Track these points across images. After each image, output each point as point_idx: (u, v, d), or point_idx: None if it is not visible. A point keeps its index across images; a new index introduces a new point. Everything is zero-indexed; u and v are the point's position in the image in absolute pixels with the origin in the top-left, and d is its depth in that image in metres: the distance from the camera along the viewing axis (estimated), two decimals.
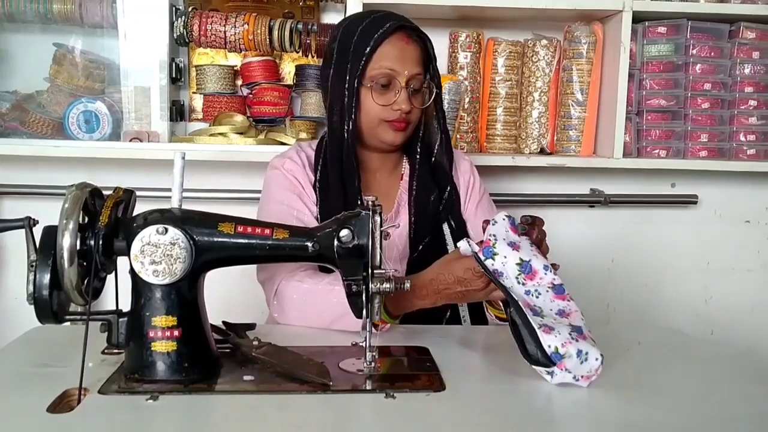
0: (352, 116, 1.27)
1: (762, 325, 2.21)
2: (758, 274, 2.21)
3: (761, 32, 1.93)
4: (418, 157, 1.37)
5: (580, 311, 1.00)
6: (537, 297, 0.99)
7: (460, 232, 1.37)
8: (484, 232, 1.06)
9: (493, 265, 1.01)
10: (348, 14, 1.79)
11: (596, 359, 0.92)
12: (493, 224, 1.05)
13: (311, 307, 1.16)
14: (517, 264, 1.01)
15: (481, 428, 0.82)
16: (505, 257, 1.01)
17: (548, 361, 0.91)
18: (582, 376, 0.92)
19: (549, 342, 0.91)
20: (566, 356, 0.91)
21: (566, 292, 1.01)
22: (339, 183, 1.29)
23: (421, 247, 1.33)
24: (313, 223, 1.28)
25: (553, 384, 0.92)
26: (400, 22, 1.28)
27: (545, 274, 1.01)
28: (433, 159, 1.38)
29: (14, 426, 0.79)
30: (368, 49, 1.25)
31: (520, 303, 0.96)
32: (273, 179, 1.34)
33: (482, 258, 1.02)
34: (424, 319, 1.18)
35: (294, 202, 1.30)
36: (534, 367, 0.93)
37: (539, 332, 0.92)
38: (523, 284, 1.00)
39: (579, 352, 0.91)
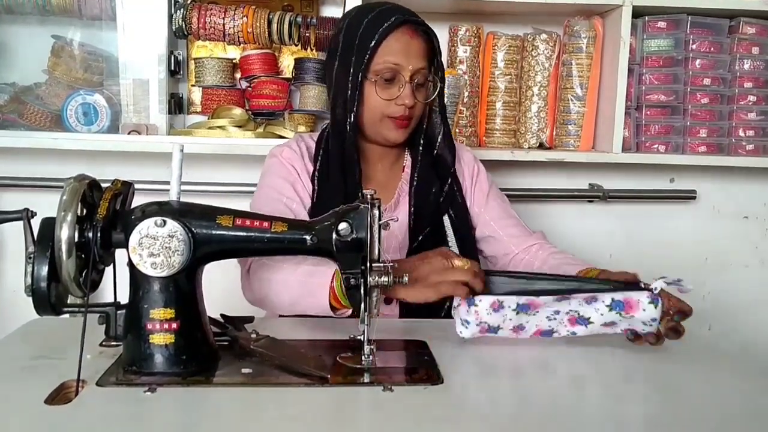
0: (354, 109, 1.27)
1: (759, 321, 2.22)
2: (756, 270, 2.21)
3: (761, 27, 1.93)
4: (420, 149, 1.37)
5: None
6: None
7: (461, 224, 1.37)
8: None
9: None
10: (347, 7, 1.79)
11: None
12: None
13: (274, 288, 1.16)
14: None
15: (479, 421, 0.82)
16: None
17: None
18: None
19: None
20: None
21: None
22: (340, 174, 1.29)
23: (420, 238, 1.33)
24: (302, 212, 1.28)
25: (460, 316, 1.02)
26: (405, 15, 1.27)
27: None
28: (435, 152, 1.38)
29: (12, 418, 0.79)
30: (373, 42, 1.25)
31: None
32: (270, 167, 1.35)
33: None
34: (422, 313, 1.19)
35: (286, 190, 1.30)
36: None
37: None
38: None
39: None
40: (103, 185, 0.93)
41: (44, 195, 1.87)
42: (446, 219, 1.37)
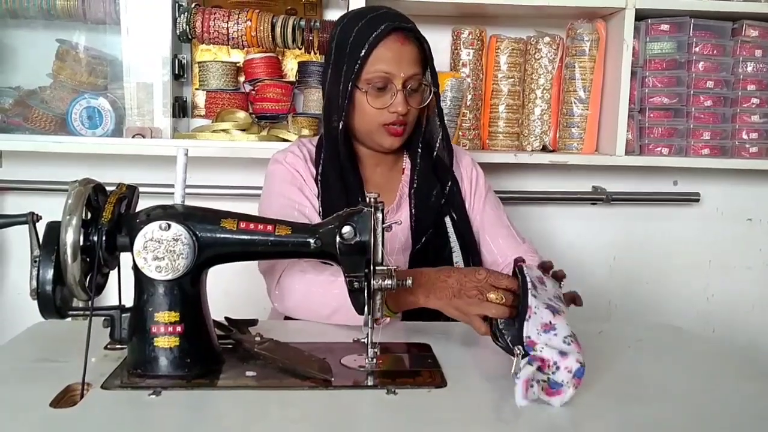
0: (343, 117, 1.28)
1: (763, 323, 2.21)
2: (759, 272, 2.21)
3: (764, 30, 1.93)
4: (419, 151, 1.37)
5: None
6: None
7: (462, 225, 1.38)
8: (514, 265, 1.04)
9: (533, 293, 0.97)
10: (350, 11, 1.79)
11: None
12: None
13: (312, 299, 1.17)
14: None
15: (482, 424, 0.82)
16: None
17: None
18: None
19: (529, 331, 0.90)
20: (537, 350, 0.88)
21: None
22: (338, 179, 1.30)
23: (423, 239, 1.33)
24: (315, 216, 1.29)
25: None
26: (395, 23, 1.26)
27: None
28: (434, 154, 1.38)
29: (17, 421, 0.79)
30: (363, 52, 1.24)
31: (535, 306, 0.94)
32: (275, 173, 1.35)
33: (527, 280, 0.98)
34: (425, 316, 1.19)
35: (296, 195, 1.30)
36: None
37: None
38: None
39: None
40: (108, 189, 0.94)
41: (49, 198, 1.88)
42: (448, 221, 1.37)
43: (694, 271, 2.19)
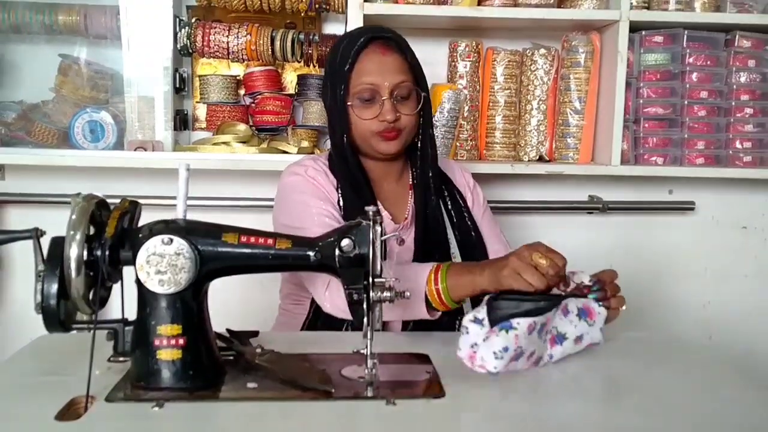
0: (346, 131, 1.30)
1: (759, 330, 2.22)
2: (755, 280, 2.22)
3: (757, 41, 1.95)
4: (419, 163, 1.38)
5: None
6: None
7: (467, 235, 1.39)
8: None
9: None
10: (348, 25, 1.82)
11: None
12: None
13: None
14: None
15: None
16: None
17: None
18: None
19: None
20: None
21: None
22: (352, 192, 1.31)
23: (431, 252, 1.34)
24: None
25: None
26: (372, 33, 1.30)
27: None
28: (435, 167, 1.40)
29: None
30: (347, 66, 1.28)
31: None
32: (296, 185, 1.33)
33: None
34: (424, 326, 1.20)
35: (326, 205, 1.29)
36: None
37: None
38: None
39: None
40: (110, 201, 0.95)
41: (52, 211, 1.89)
42: (452, 232, 1.38)
43: (691, 278, 2.21)
